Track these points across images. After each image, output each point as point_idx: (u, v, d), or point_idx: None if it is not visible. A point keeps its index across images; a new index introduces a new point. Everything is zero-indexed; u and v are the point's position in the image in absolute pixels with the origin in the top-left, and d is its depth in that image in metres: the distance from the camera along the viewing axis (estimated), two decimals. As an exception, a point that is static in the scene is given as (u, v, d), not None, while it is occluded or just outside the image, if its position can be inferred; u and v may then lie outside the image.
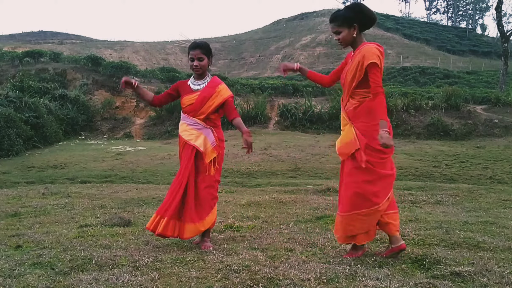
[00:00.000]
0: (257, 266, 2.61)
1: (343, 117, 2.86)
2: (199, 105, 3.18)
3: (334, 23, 2.77)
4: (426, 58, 46.40)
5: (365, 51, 2.67)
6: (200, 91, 3.21)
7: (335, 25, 2.77)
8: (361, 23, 2.73)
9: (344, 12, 2.74)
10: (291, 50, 53.77)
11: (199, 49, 3.15)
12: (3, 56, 25.20)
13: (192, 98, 3.20)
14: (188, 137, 3.19)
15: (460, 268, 2.51)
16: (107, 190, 6.50)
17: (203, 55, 3.16)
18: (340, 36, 2.75)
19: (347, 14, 2.72)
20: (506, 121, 16.96)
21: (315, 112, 18.31)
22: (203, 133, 3.18)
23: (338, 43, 2.81)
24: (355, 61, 2.71)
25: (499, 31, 28.88)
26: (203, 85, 3.24)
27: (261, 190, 6.60)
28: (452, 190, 6.02)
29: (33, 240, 3.30)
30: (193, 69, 3.19)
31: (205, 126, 3.21)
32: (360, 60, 2.67)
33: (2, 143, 12.40)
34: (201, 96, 3.18)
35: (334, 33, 2.80)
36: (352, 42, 2.77)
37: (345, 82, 2.80)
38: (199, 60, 3.16)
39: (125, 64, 23.98)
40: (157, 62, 49.31)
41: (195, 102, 3.19)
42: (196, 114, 3.20)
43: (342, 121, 2.88)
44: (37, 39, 55.28)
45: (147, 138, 18.17)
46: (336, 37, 2.79)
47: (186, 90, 3.26)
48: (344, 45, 2.79)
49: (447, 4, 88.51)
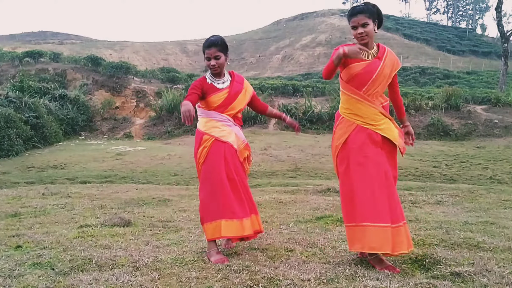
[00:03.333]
0: (257, 266, 2.61)
1: (378, 113, 2.73)
2: (231, 101, 3.01)
3: (364, 14, 2.64)
4: (426, 58, 46.44)
5: (395, 56, 2.79)
6: (229, 87, 3.04)
7: (365, 17, 2.64)
8: (378, 22, 2.74)
9: (370, 7, 2.68)
10: (291, 50, 53.78)
11: (214, 47, 2.93)
12: (3, 56, 25.22)
13: (221, 96, 3.00)
14: (219, 134, 2.96)
15: (460, 268, 2.51)
16: (107, 190, 6.49)
17: (219, 53, 2.95)
18: (367, 28, 2.64)
19: (372, 9, 2.68)
20: (506, 121, 16.96)
21: (315, 112, 18.32)
22: (233, 130, 3.02)
23: (362, 37, 2.67)
24: (390, 61, 2.74)
25: (499, 31, 28.90)
26: (228, 82, 3.07)
27: (261, 190, 6.59)
28: (452, 190, 6.02)
29: (33, 240, 3.30)
30: (211, 68, 2.98)
31: (234, 123, 3.06)
32: (395, 62, 2.77)
33: (2, 143, 12.41)
34: (233, 91, 3.04)
35: (359, 26, 2.65)
36: (372, 38, 2.71)
37: (379, 77, 2.71)
38: (216, 58, 2.95)
39: (125, 64, 24.00)
40: (157, 62, 49.32)
41: (227, 99, 3.00)
42: (225, 110, 3.01)
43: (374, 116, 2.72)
44: (37, 39, 55.30)
45: (147, 138, 18.18)
46: (362, 30, 2.65)
47: (211, 89, 3.01)
48: (366, 39, 2.67)
49: (447, 4, 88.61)
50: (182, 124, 18.56)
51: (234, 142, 2.97)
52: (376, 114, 2.73)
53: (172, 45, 59.98)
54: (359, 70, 2.70)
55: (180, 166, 10.37)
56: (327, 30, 56.10)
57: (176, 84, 23.46)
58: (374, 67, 2.70)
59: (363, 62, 2.70)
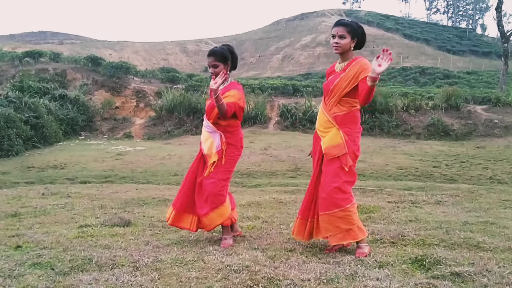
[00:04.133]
0: (257, 266, 2.61)
1: (328, 121, 3.00)
2: (209, 110, 3.29)
3: (344, 27, 2.91)
4: (426, 58, 46.45)
5: (363, 64, 2.89)
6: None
7: (344, 29, 2.90)
8: (358, 41, 2.96)
9: (354, 24, 2.94)
10: (291, 50, 53.79)
11: (213, 56, 3.24)
12: (3, 56, 25.21)
13: (208, 102, 3.34)
14: (201, 138, 3.40)
15: (460, 268, 2.51)
16: (107, 190, 6.49)
17: (217, 62, 3.23)
18: (343, 41, 2.90)
19: (356, 27, 2.93)
20: (506, 121, 16.96)
21: (315, 112, 18.27)
22: (211, 136, 3.29)
23: (336, 46, 2.94)
24: (353, 70, 2.91)
25: (499, 31, 28.89)
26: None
27: (261, 190, 6.60)
28: (452, 190, 6.02)
29: (33, 240, 3.30)
30: (211, 75, 3.26)
31: (214, 130, 3.29)
32: (358, 70, 2.88)
33: (2, 143, 12.40)
34: (212, 101, 3.22)
35: (337, 36, 2.91)
36: (346, 52, 2.95)
37: (335, 89, 2.96)
38: (214, 67, 3.24)
39: (125, 64, 23.97)
40: (157, 62, 49.34)
41: (207, 106, 3.31)
42: (209, 117, 3.32)
43: (324, 123, 3.02)
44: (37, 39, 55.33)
45: (147, 138, 18.17)
46: (337, 40, 2.91)
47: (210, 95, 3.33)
48: (340, 50, 2.94)
49: (447, 4, 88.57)
50: (182, 124, 18.57)
51: (205, 148, 3.30)
52: (326, 122, 3.01)
53: (172, 45, 59.99)
54: (326, 81, 3.08)
55: (180, 166, 10.37)
56: (327, 30, 56.01)
57: (176, 84, 23.45)
58: (334, 79, 2.98)
59: (332, 74, 3.05)
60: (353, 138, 2.95)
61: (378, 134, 16.44)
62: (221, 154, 3.26)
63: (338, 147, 2.92)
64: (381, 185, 6.85)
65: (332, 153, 2.93)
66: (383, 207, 4.65)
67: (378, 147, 13.27)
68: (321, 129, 3.04)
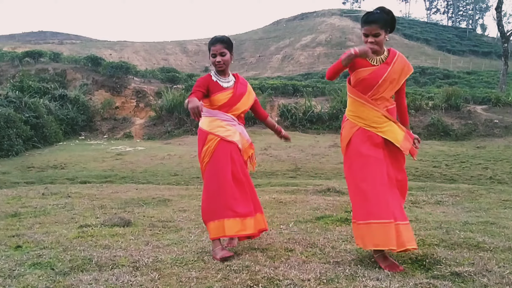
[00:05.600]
0: (257, 266, 2.61)
1: (381, 116, 2.76)
2: (235, 102, 3.04)
3: (376, 24, 2.67)
4: (426, 58, 46.45)
5: (406, 61, 2.81)
6: (233, 88, 3.07)
7: (377, 27, 2.67)
8: (391, 29, 2.77)
9: (384, 15, 2.70)
10: (291, 50, 53.79)
11: (220, 43, 2.97)
12: (3, 56, 25.23)
13: (226, 95, 3.03)
14: (224, 133, 2.98)
15: (460, 268, 2.51)
16: (107, 190, 6.49)
17: (225, 49, 2.98)
18: (378, 38, 2.69)
19: (387, 17, 2.70)
20: (506, 121, 16.96)
21: (315, 112, 18.32)
22: (238, 129, 3.06)
23: (371, 45, 2.69)
24: (399, 66, 2.77)
25: (499, 31, 28.91)
26: (232, 82, 3.10)
27: (261, 190, 6.59)
28: (452, 190, 6.02)
29: (33, 240, 3.30)
30: (216, 65, 3.00)
31: (239, 123, 3.10)
32: (405, 67, 2.79)
33: (2, 143, 12.41)
34: (238, 92, 3.07)
35: (371, 35, 2.69)
36: (382, 46, 2.76)
37: (386, 82, 2.75)
38: (221, 55, 2.97)
39: (125, 64, 24.00)
40: (157, 62, 49.33)
41: (231, 99, 3.03)
42: (229, 110, 3.03)
43: (378, 119, 2.76)
44: (37, 39, 55.31)
45: (147, 138, 18.18)
46: (372, 39, 2.69)
47: (216, 87, 3.03)
48: (376, 48, 2.71)
49: (447, 4, 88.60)
50: (182, 124, 18.56)
51: (239, 141, 3.02)
52: (379, 117, 2.77)
53: (172, 45, 59.97)
54: (365, 75, 2.75)
55: (180, 166, 10.37)
56: (327, 30, 56.09)
57: (176, 84, 23.46)
58: (381, 73, 2.74)
59: (370, 67, 2.75)
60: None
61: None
62: (253, 147, 3.20)
63: (406, 140, 2.80)
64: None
65: (408, 147, 2.80)
66: (383, 207, 4.64)
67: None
68: (375, 125, 2.76)
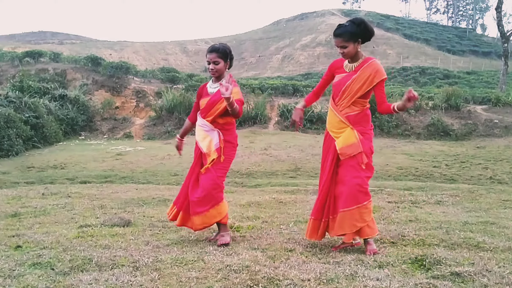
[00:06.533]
0: (257, 266, 2.61)
1: (341, 121, 3.00)
2: (208, 108, 3.26)
3: (341, 37, 2.89)
4: (426, 58, 46.47)
5: (377, 67, 2.92)
6: (214, 94, 3.27)
7: (342, 40, 2.89)
8: (364, 38, 2.92)
9: (350, 28, 2.87)
10: (291, 50, 53.79)
11: (215, 52, 3.21)
12: (3, 56, 25.21)
13: (205, 101, 3.29)
14: (197, 137, 3.33)
15: (460, 268, 2.51)
16: (107, 190, 6.49)
17: (218, 58, 3.21)
18: (345, 50, 2.90)
19: (353, 29, 2.88)
20: (506, 121, 16.96)
21: (315, 112, 18.31)
22: (209, 134, 3.26)
23: (342, 55, 2.95)
24: (365, 73, 2.92)
25: (499, 31, 28.89)
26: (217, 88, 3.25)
27: (261, 190, 6.59)
28: (452, 190, 6.02)
29: (33, 240, 3.30)
30: (210, 71, 3.26)
31: (212, 128, 3.26)
32: (372, 74, 2.91)
33: (2, 143, 12.40)
34: (212, 99, 3.24)
35: (339, 47, 2.92)
36: (355, 55, 2.94)
37: (347, 90, 2.95)
38: (214, 63, 3.21)
39: (125, 64, 23.98)
40: (157, 62, 49.32)
41: (206, 105, 3.27)
42: (205, 116, 3.28)
43: (337, 124, 3.03)
44: (37, 39, 55.32)
45: (147, 138, 18.17)
46: (341, 51, 2.92)
47: (204, 92, 3.36)
48: (347, 57, 2.96)
49: (447, 4, 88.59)
50: (182, 124, 18.58)
51: (204, 146, 3.26)
52: (338, 122, 3.00)
53: (172, 45, 59.99)
54: (336, 81, 3.04)
55: (180, 166, 10.37)
56: (327, 30, 56.05)
57: (176, 84, 23.44)
58: (345, 80, 2.96)
59: (341, 74, 3.01)
60: (368, 136, 3.00)
61: (378, 134, 16.43)
62: (220, 152, 3.27)
63: (353, 147, 2.94)
64: (381, 185, 6.84)
65: (347, 153, 2.95)
66: (383, 207, 4.65)
67: (378, 147, 13.26)
68: (334, 130, 3.03)
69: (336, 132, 3.02)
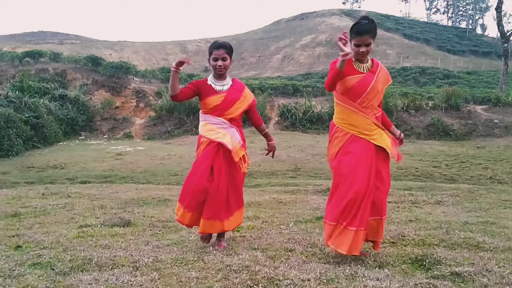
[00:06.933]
0: (257, 266, 2.61)
1: (372, 123, 2.87)
2: (226, 107, 3.15)
3: (369, 34, 2.79)
4: (426, 58, 46.43)
5: (387, 72, 2.97)
6: (226, 92, 3.17)
7: (369, 37, 2.79)
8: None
9: (370, 25, 2.80)
10: (291, 50, 53.76)
11: (223, 49, 3.11)
12: (3, 56, 25.20)
13: (217, 99, 3.14)
14: (214, 136, 3.11)
15: (460, 268, 2.51)
16: (107, 190, 6.49)
17: (227, 55, 3.13)
18: (369, 47, 2.81)
19: (373, 27, 2.82)
20: (506, 121, 16.95)
21: (315, 112, 18.30)
22: (229, 132, 3.15)
23: (362, 54, 2.81)
24: (383, 73, 2.93)
25: (499, 31, 28.88)
26: (227, 86, 3.20)
27: (261, 190, 6.59)
28: (452, 190, 6.02)
29: (33, 240, 3.30)
30: (216, 69, 3.13)
31: (231, 126, 3.18)
32: (386, 76, 2.96)
33: (2, 143, 12.39)
34: (229, 97, 3.16)
35: (363, 45, 2.78)
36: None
37: (373, 90, 2.86)
38: (223, 60, 3.12)
39: (125, 64, 23.96)
40: (157, 62, 49.29)
41: (222, 103, 3.14)
42: (222, 114, 3.15)
43: (369, 126, 2.86)
44: (37, 39, 55.26)
45: (147, 138, 18.16)
46: (365, 49, 2.79)
47: (209, 90, 3.17)
48: (367, 55, 2.85)
49: (447, 4, 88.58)
50: (182, 124, 18.56)
51: (228, 143, 3.08)
52: (370, 124, 2.88)
53: (172, 45, 59.96)
54: (354, 83, 2.84)
55: (180, 166, 10.37)
56: (327, 30, 56.05)
57: (176, 84, 23.43)
58: (368, 81, 2.85)
59: (358, 75, 2.85)
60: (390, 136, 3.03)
61: (378, 134, 16.45)
62: (245, 147, 3.27)
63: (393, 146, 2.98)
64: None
65: (395, 152, 2.99)
66: (383, 207, 4.64)
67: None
68: (367, 133, 2.87)
69: (369, 134, 2.86)
